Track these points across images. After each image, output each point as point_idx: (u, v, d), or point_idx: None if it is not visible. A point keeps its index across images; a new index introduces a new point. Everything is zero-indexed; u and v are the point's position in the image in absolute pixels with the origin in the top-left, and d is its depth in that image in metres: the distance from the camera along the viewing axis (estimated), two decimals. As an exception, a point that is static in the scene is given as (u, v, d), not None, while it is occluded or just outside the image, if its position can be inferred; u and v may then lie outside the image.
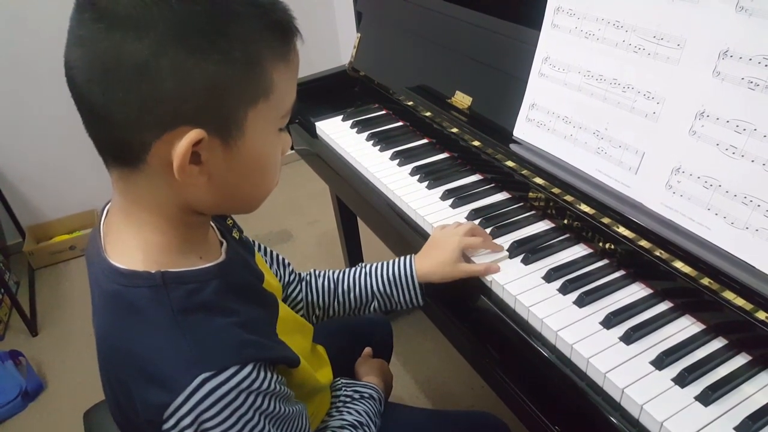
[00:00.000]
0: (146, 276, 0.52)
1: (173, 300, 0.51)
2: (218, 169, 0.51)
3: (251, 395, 0.52)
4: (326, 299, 0.86)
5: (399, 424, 0.88)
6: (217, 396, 0.50)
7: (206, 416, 0.50)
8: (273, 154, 0.56)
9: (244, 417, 0.52)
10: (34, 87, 2.04)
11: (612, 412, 0.64)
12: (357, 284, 0.85)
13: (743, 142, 0.64)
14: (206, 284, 0.54)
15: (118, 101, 0.46)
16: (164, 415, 0.50)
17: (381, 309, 0.87)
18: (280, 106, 0.53)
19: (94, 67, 0.45)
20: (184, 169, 0.48)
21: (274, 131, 0.54)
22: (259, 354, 0.54)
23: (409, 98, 1.21)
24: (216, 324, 0.53)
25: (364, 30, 1.38)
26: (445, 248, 0.82)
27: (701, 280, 0.69)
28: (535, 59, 0.90)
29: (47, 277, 2.19)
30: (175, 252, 0.55)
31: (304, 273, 0.88)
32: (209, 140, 0.48)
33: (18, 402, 1.64)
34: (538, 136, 0.91)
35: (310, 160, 1.39)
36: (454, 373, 1.62)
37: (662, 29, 0.72)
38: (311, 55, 2.51)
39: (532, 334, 0.75)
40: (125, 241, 0.54)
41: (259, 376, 0.53)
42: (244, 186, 0.55)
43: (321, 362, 0.85)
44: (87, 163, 2.14)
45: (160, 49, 0.44)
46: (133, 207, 0.53)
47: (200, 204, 0.54)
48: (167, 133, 0.47)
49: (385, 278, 0.84)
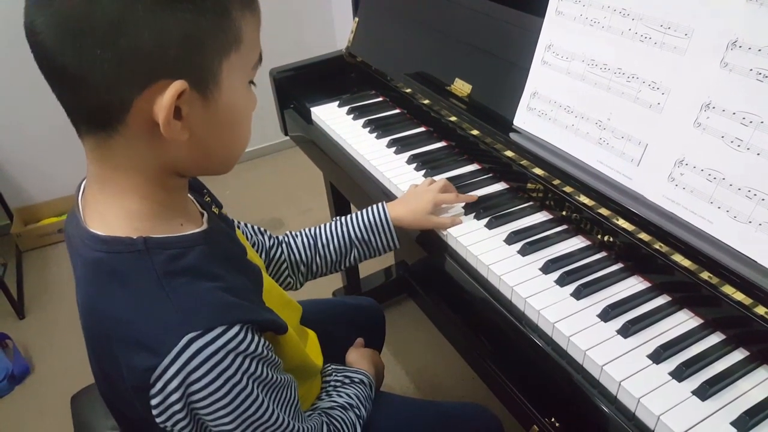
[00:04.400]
0: (128, 242, 0.51)
1: (156, 264, 0.51)
2: (198, 125, 0.51)
3: (239, 357, 0.51)
4: (308, 254, 0.88)
5: (390, 412, 0.88)
6: (204, 356, 0.49)
7: (193, 377, 0.49)
8: (246, 108, 0.56)
9: (232, 379, 0.51)
10: (20, 69, 2.00)
11: (608, 405, 0.64)
12: (335, 235, 0.88)
13: (749, 135, 0.63)
14: (190, 250, 0.54)
15: (94, 61, 0.45)
16: (151, 378, 0.49)
17: (360, 257, 0.90)
18: (250, 56, 0.53)
19: (65, 29, 0.44)
20: (170, 124, 0.48)
21: (246, 84, 0.55)
22: (245, 316, 0.54)
23: (408, 85, 1.19)
24: (201, 287, 0.53)
25: (361, 14, 1.35)
26: (420, 200, 0.88)
27: (701, 274, 0.68)
28: (538, 47, 0.89)
29: (35, 260, 2.16)
30: (156, 218, 0.54)
31: (281, 236, 0.89)
32: (189, 93, 0.48)
33: (4, 385, 1.62)
34: (539, 125, 0.89)
35: (305, 147, 1.37)
36: (446, 365, 1.62)
37: (670, 18, 0.71)
38: (306, 40, 2.50)
39: (528, 326, 0.74)
40: (105, 209, 0.54)
41: (246, 338, 0.52)
42: (220, 142, 0.55)
43: (312, 346, 0.84)
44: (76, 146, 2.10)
45: (134, 3, 0.44)
46: (111, 174, 0.52)
47: (180, 163, 0.53)
48: (147, 89, 0.46)
49: (361, 225, 0.88)
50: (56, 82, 0.48)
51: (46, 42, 0.45)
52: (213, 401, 0.51)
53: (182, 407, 0.51)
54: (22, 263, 2.14)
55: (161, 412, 0.51)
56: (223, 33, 0.49)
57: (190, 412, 0.52)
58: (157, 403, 0.51)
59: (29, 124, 2.14)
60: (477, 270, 0.83)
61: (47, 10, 0.44)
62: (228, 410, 0.52)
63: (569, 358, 0.69)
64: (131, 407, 0.54)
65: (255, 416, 0.54)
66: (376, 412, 0.84)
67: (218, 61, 0.50)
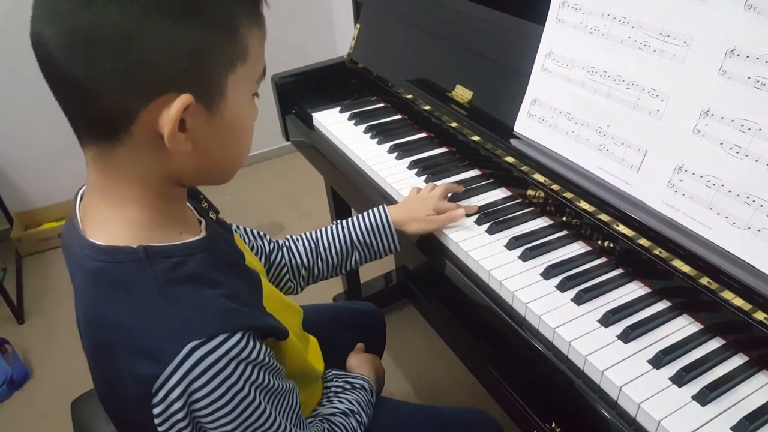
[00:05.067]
0: (128, 251, 0.51)
1: (157, 273, 0.51)
2: (201, 136, 0.51)
3: (240, 364, 0.52)
4: (309, 258, 0.88)
5: (391, 418, 0.88)
6: (206, 364, 0.49)
7: (196, 386, 0.49)
8: (249, 120, 0.56)
9: (234, 387, 0.51)
10: (22, 73, 2.01)
11: (609, 410, 0.64)
12: (336, 238, 0.88)
13: (748, 142, 0.64)
14: (190, 258, 0.54)
15: (102, 72, 0.45)
16: (154, 387, 0.49)
17: (361, 261, 0.91)
18: (255, 70, 0.54)
19: (74, 41, 0.44)
20: (174, 136, 0.48)
21: (250, 97, 0.55)
22: (247, 322, 0.54)
23: (409, 91, 1.20)
24: (202, 294, 0.53)
25: (363, 21, 1.36)
26: (420, 205, 0.90)
27: (700, 280, 0.69)
28: (539, 54, 0.89)
29: (34, 265, 2.16)
30: (156, 227, 0.54)
31: (282, 240, 0.89)
32: (195, 106, 0.48)
33: (4, 390, 1.62)
34: (540, 131, 0.90)
35: (306, 152, 1.38)
36: (446, 370, 1.62)
37: (669, 26, 0.71)
38: (307, 46, 2.51)
39: (529, 331, 0.74)
40: (104, 218, 0.54)
41: (248, 345, 0.52)
42: (223, 153, 0.55)
43: (313, 351, 0.84)
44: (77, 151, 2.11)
45: (144, 16, 0.44)
46: (112, 182, 0.53)
47: (183, 173, 0.54)
48: (154, 101, 0.47)
49: (363, 228, 0.88)
50: (62, 92, 0.48)
51: (54, 53, 0.45)
52: (215, 409, 0.51)
53: (185, 416, 0.51)
54: (21, 268, 2.13)
55: (164, 421, 0.51)
56: (230, 47, 0.50)
57: (192, 421, 0.52)
58: (160, 412, 0.51)
59: (30, 128, 2.14)
60: (478, 275, 0.83)
61: (56, 20, 0.45)
62: (230, 418, 0.52)
63: (570, 363, 0.69)
64: (132, 413, 0.54)
65: (257, 423, 0.54)
66: (376, 417, 0.84)
67: (225, 74, 0.50)
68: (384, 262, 1.95)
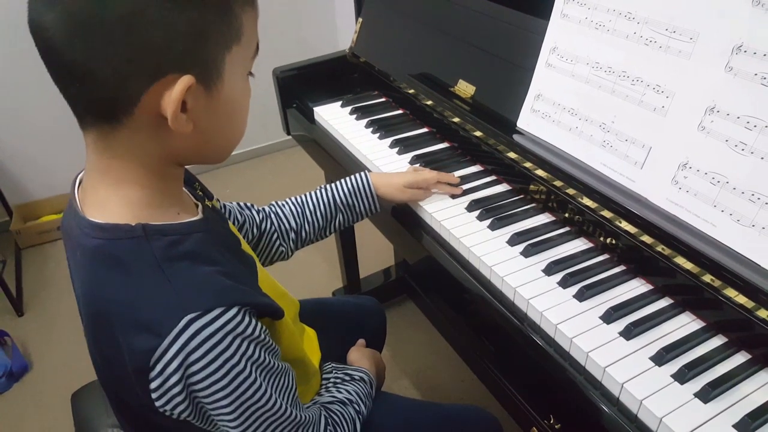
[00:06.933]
0: (127, 228, 0.52)
1: (156, 250, 0.52)
2: (201, 116, 0.52)
3: (237, 338, 0.52)
4: (297, 222, 0.92)
5: (390, 412, 0.88)
6: (203, 337, 0.50)
7: (192, 359, 0.50)
8: (244, 99, 0.57)
9: (231, 361, 0.52)
10: (21, 65, 2.00)
11: (610, 407, 0.64)
12: (321, 201, 0.93)
13: (753, 139, 0.64)
14: (188, 237, 0.55)
15: (104, 56, 0.45)
16: (151, 360, 0.50)
17: (344, 222, 0.95)
18: (249, 48, 0.55)
19: (75, 26, 0.45)
20: (177, 117, 0.49)
21: (245, 76, 0.56)
22: (243, 298, 0.54)
23: (411, 86, 1.19)
24: (200, 270, 0.54)
25: (365, 15, 1.36)
26: (399, 175, 0.96)
27: (703, 277, 0.68)
28: (543, 49, 0.89)
29: (34, 257, 2.16)
30: (154, 206, 0.55)
31: (268, 207, 0.94)
32: (195, 87, 0.49)
33: (3, 382, 1.62)
34: (543, 127, 0.90)
35: (307, 146, 1.37)
36: (445, 366, 1.62)
37: (675, 22, 0.71)
38: (309, 40, 2.50)
39: (530, 327, 0.74)
40: (104, 198, 0.54)
41: (244, 320, 0.53)
42: (221, 132, 0.56)
43: (309, 343, 0.84)
44: (76, 143, 2.11)
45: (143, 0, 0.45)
46: (112, 163, 0.53)
47: (181, 153, 0.55)
48: (156, 83, 0.47)
49: (345, 190, 0.94)
50: (63, 78, 0.48)
51: (55, 38, 0.45)
52: (212, 383, 0.51)
53: (181, 389, 0.52)
54: (21, 260, 2.13)
55: (161, 395, 0.52)
56: (227, 27, 0.51)
57: (189, 396, 0.53)
58: (157, 386, 0.51)
59: (29, 120, 2.14)
60: (479, 271, 0.83)
61: (56, 6, 0.45)
62: (226, 392, 0.52)
63: (571, 359, 0.69)
64: (132, 393, 0.54)
65: (253, 399, 0.55)
66: (376, 411, 0.84)
67: (222, 54, 0.51)
68: (384, 258, 1.95)
